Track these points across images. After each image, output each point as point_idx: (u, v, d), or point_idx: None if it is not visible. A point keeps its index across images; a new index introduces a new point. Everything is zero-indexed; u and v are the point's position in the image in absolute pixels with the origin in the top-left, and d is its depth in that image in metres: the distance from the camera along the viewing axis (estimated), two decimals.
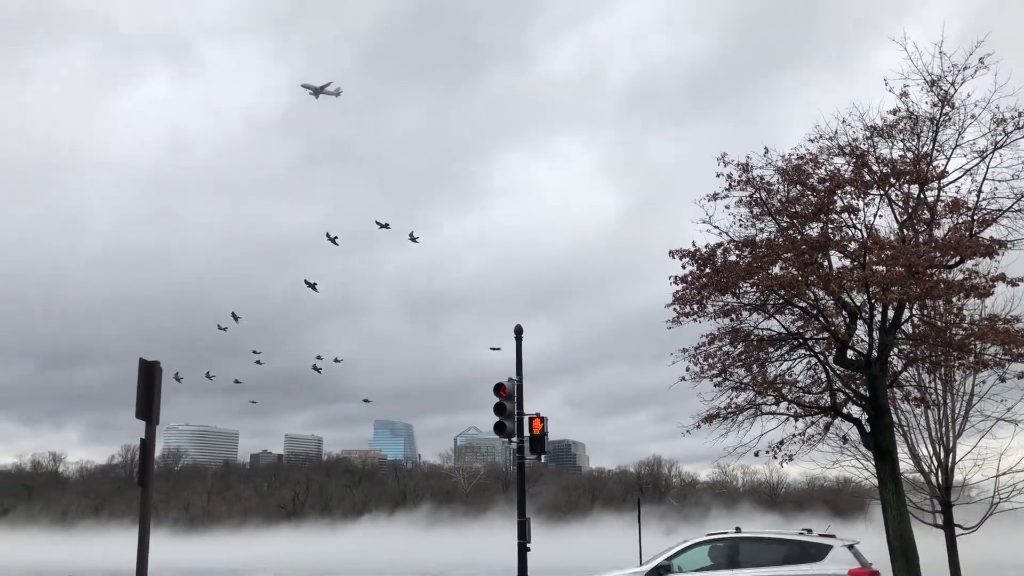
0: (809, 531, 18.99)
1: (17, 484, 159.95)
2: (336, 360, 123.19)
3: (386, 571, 57.54)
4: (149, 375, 14.36)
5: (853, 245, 19.85)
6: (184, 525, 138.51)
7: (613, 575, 19.33)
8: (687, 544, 19.13)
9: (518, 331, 25.59)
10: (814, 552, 18.02)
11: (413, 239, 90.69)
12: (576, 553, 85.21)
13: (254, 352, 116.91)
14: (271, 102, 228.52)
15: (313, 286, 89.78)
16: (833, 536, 18.70)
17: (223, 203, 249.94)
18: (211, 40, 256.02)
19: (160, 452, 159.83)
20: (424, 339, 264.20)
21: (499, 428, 24.52)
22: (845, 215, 20.22)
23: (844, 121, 20.30)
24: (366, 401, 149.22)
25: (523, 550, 23.47)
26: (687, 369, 20.83)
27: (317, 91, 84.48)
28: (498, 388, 24.57)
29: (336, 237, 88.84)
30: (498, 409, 24.45)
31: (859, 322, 20.16)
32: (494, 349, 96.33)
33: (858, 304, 19.90)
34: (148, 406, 14.18)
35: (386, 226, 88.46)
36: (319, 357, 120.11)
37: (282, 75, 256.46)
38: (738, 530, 19.47)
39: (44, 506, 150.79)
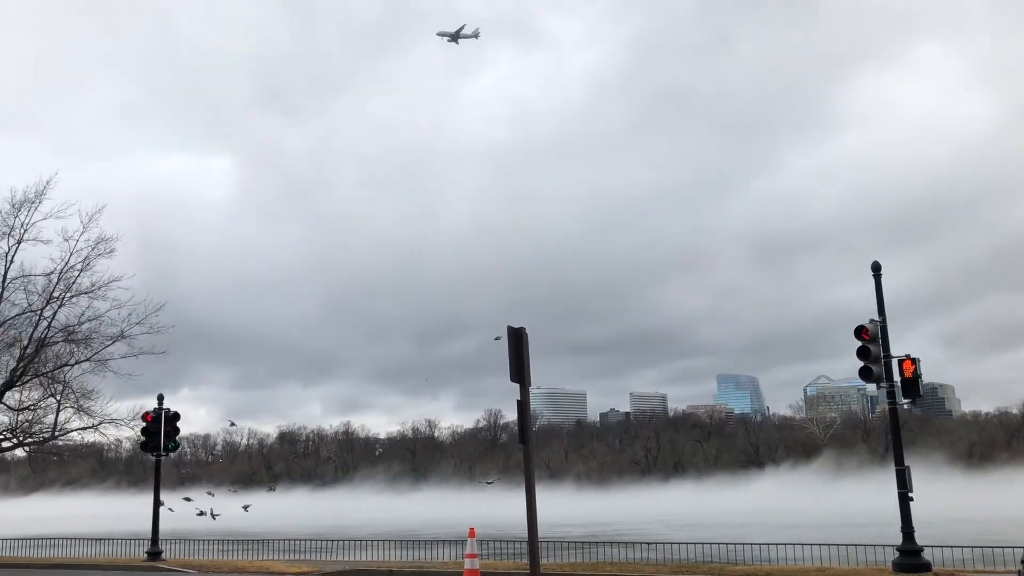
0: None
1: (403, 449, 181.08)
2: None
3: (791, 524, 57.33)
4: (518, 340, 15.22)
5: None
6: (547, 481, 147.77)
7: None
8: None
9: (875, 268, 23.79)
10: None
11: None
12: (967, 504, 78.24)
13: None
14: (607, 63, 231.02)
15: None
16: None
17: (569, 170, 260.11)
18: (551, 11, 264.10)
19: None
20: (768, 288, 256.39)
21: (865, 373, 23.07)
22: None
23: None
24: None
25: (905, 499, 21.99)
26: None
27: (454, 36, 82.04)
28: (859, 331, 23.16)
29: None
30: (862, 353, 23.00)
31: None
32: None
33: None
34: (520, 369, 15.05)
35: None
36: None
37: (620, 35, 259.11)
38: None
39: (426, 467, 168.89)
